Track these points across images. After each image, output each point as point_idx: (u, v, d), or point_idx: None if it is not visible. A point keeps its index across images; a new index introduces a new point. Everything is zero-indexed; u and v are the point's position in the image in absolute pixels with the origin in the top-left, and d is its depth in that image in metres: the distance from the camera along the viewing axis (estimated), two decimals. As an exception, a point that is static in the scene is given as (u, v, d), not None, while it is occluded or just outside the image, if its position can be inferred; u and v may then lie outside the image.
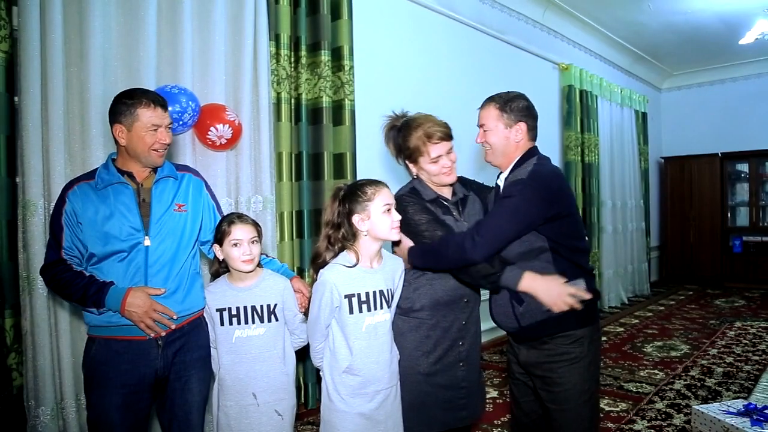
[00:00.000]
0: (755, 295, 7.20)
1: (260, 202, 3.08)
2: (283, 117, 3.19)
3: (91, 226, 1.80)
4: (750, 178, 7.95)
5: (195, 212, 1.99)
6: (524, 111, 1.93)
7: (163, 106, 1.88)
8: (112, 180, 1.84)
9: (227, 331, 1.92)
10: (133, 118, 1.81)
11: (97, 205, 1.81)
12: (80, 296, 1.77)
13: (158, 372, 1.86)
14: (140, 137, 1.82)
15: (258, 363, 1.92)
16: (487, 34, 5.09)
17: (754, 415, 2.56)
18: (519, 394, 2.03)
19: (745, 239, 7.95)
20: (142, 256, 1.83)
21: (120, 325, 1.80)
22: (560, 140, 6.20)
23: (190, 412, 1.95)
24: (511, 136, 1.91)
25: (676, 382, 3.80)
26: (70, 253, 1.81)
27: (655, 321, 5.87)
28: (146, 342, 1.84)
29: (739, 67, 8.08)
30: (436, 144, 1.93)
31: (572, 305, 1.76)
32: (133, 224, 1.83)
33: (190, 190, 2.00)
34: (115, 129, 1.84)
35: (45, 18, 2.31)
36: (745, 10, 5.78)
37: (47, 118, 2.33)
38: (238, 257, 1.91)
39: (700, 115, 8.54)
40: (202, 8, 2.87)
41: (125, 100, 1.83)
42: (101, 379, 1.82)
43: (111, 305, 1.77)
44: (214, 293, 1.96)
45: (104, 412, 1.81)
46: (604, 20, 6.31)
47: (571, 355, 1.82)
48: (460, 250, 1.78)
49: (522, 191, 1.78)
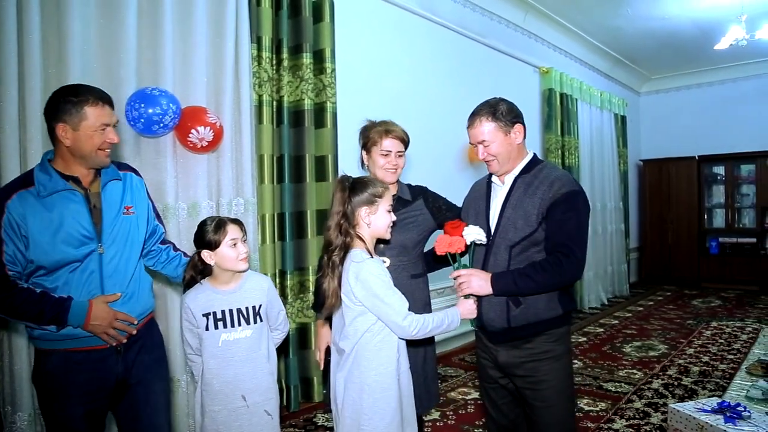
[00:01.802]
0: (731, 296, 7.34)
1: (242, 204, 3.07)
2: (264, 119, 3.19)
3: (40, 236, 1.66)
4: (726, 181, 8.12)
5: (141, 213, 1.93)
6: (513, 112, 1.95)
7: (111, 104, 1.77)
8: (57, 187, 1.70)
9: (213, 335, 1.90)
10: (80, 116, 1.68)
11: (43, 214, 1.67)
12: (35, 315, 1.65)
13: (119, 377, 1.82)
14: (88, 137, 1.70)
15: (245, 365, 1.91)
16: (469, 38, 5.14)
17: (728, 413, 2.62)
18: (497, 396, 2.05)
19: (721, 240, 8.11)
20: (96, 264, 1.75)
21: (77, 337, 1.73)
22: (541, 143, 6.27)
23: (155, 415, 1.92)
24: (512, 140, 1.94)
25: (654, 382, 3.87)
26: (13, 269, 1.66)
27: (634, 321, 5.96)
28: (107, 350, 1.78)
29: (715, 71, 8.26)
30: (391, 139, 2.15)
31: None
32: (86, 232, 1.73)
33: (135, 190, 1.93)
34: (57, 128, 1.68)
35: (22, 19, 2.28)
36: (720, 17, 5.92)
37: (24, 119, 2.30)
38: (236, 257, 1.90)
39: (677, 119, 8.70)
40: (183, 10, 2.85)
41: (70, 98, 1.68)
42: (61, 391, 1.74)
43: (74, 321, 1.68)
44: (198, 299, 1.92)
45: (67, 423, 1.75)
46: (584, 24, 6.40)
47: (555, 353, 1.88)
48: (564, 273, 1.81)
49: (579, 202, 1.85)
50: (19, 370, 2.27)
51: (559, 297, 1.88)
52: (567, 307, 1.91)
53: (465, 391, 3.75)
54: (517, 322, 1.87)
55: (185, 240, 2.71)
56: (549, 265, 1.80)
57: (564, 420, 1.89)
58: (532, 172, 1.93)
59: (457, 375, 4.11)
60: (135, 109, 2.51)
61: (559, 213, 1.82)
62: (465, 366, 4.36)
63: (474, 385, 3.89)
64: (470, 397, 3.62)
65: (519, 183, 1.93)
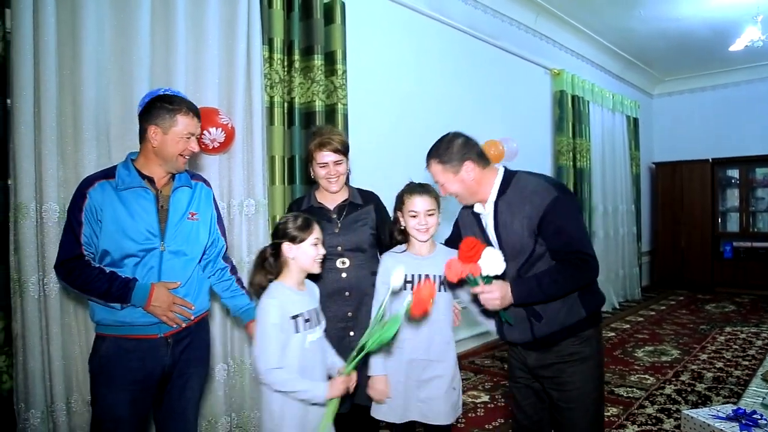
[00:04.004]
0: (745, 301, 7.25)
1: (253, 205, 3.08)
2: (276, 121, 3.20)
3: (111, 225, 1.83)
4: (740, 184, 8.02)
5: (205, 220, 2.06)
6: (462, 149, 1.91)
7: (199, 117, 1.97)
8: (133, 183, 1.88)
9: (302, 336, 1.87)
10: (172, 122, 1.88)
11: (117, 205, 1.85)
12: (104, 291, 1.80)
13: (165, 369, 1.93)
14: (174, 142, 1.89)
15: (322, 364, 1.95)
16: (480, 40, 5.12)
17: (743, 420, 2.58)
18: (521, 397, 2.06)
19: (735, 245, 8.01)
20: (156, 260, 1.89)
21: (132, 324, 1.86)
22: (552, 145, 6.24)
23: (188, 408, 2.02)
24: (464, 178, 1.91)
25: (667, 387, 3.83)
26: (88, 249, 1.84)
27: (646, 326, 5.90)
28: (157, 340, 1.90)
29: (730, 73, 8.17)
30: (324, 153, 2.22)
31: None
32: (151, 229, 1.88)
33: (202, 199, 2.07)
34: (149, 129, 1.88)
35: (38, 20, 2.30)
36: (734, 18, 5.85)
37: (40, 120, 2.32)
38: (314, 257, 1.92)
39: (691, 121, 8.62)
40: (196, 11, 2.87)
41: (167, 105, 1.89)
42: (110, 376, 1.86)
43: (137, 301, 1.82)
44: (289, 299, 1.88)
45: (112, 408, 1.85)
46: (596, 26, 6.36)
47: (581, 355, 1.88)
48: (582, 274, 1.82)
49: (565, 205, 1.83)
50: (33, 368, 2.29)
51: (580, 300, 1.86)
52: (591, 308, 1.89)
53: (475, 395, 3.73)
54: (541, 333, 1.89)
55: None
56: (565, 269, 1.80)
57: (589, 423, 1.88)
58: (508, 191, 1.90)
59: (467, 378, 4.09)
60: (148, 110, 2.53)
61: (552, 227, 1.81)
62: (475, 369, 4.34)
63: (484, 388, 3.87)
64: (480, 401, 3.60)
65: (500, 206, 1.91)
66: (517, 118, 5.61)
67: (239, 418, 3.01)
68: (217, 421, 2.89)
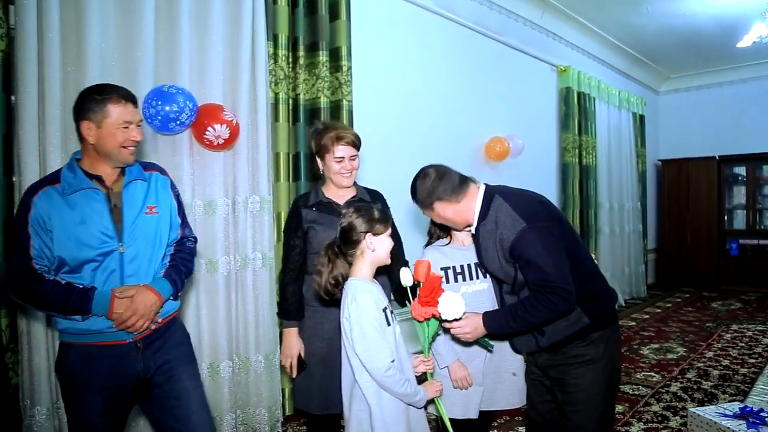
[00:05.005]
0: (752, 298, 7.21)
1: (258, 202, 3.08)
2: (280, 117, 3.19)
3: (62, 233, 1.70)
4: (747, 182, 7.97)
5: (165, 213, 1.92)
6: (428, 193, 1.91)
7: (134, 102, 1.80)
8: (80, 185, 1.74)
9: (392, 329, 1.81)
10: (103, 114, 1.72)
11: (66, 212, 1.71)
12: (61, 305, 1.69)
13: (140, 375, 1.82)
14: (111, 134, 1.74)
15: (408, 358, 1.87)
16: (486, 36, 5.10)
17: (750, 418, 2.57)
18: (535, 394, 2.07)
19: (741, 242, 7.96)
20: (116, 263, 1.77)
21: (98, 332, 1.76)
22: (558, 142, 6.21)
23: (197, 412, 1.89)
24: (441, 214, 1.94)
25: (673, 385, 3.81)
26: (40, 262, 1.70)
27: (652, 323, 5.87)
28: (126, 345, 1.79)
29: (737, 70, 8.10)
30: (343, 146, 2.18)
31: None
32: (106, 231, 1.75)
33: (159, 190, 1.92)
34: (82, 126, 1.73)
35: (42, 17, 2.30)
36: (742, 14, 5.79)
37: (44, 117, 2.32)
38: (389, 249, 1.89)
39: (697, 118, 8.55)
40: (200, 7, 2.86)
41: (95, 96, 1.73)
42: (81, 384, 1.77)
43: (98, 310, 1.71)
44: (375, 294, 1.82)
45: (86, 416, 1.77)
46: (602, 22, 6.32)
47: (586, 357, 1.85)
48: (554, 308, 1.75)
49: (531, 237, 1.76)
50: (38, 365, 2.30)
51: (582, 309, 1.83)
52: (596, 314, 1.85)
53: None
54: (546, 344, 1.88)
55: (200, 237, 2.71)
56: (538, 302, 1.75)
57: (592, 426, 1.85)
58: (488, 216, 1.87)
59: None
60: (152, 106, 2.52)
61: (521, 260, 1.79)
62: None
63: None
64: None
65: (481, 232, 1.89)
66: (522, 115, 5.59)
67: (244, 415, 3.01)
68: (222, 418, 2.89)
